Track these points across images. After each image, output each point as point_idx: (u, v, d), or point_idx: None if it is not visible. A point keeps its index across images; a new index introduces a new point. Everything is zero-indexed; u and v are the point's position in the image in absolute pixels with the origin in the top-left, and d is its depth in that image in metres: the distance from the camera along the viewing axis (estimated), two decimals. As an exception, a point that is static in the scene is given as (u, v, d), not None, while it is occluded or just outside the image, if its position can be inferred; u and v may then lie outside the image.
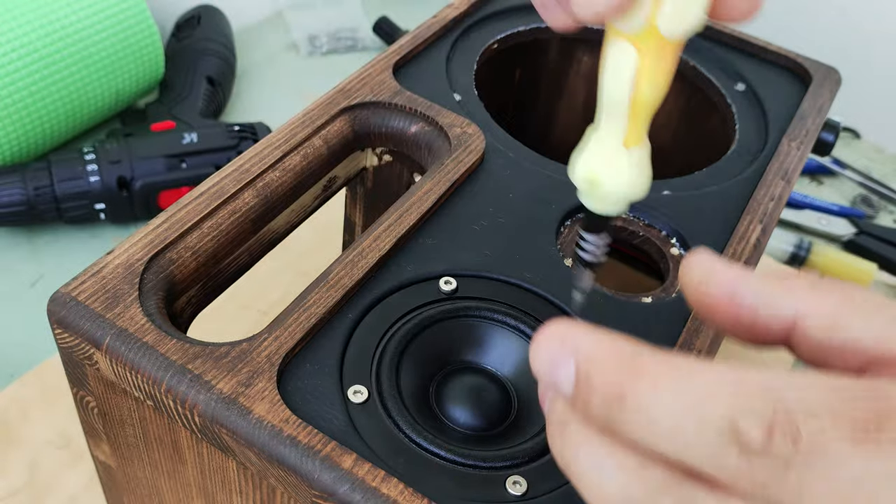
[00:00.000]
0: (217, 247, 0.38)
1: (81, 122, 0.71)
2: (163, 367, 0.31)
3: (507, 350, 0.35)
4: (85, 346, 0.32)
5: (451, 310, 0.35)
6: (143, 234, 0.36)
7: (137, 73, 0.73)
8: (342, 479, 0.28)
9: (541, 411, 0.34)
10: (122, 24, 0.69)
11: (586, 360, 0.21)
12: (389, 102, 0.45)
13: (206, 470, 0.33)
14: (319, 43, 0.93)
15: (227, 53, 0.81)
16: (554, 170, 0.43)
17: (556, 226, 0.40)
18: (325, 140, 0.43)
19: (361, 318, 0.35)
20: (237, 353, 0.32)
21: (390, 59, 0.47)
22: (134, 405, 0.34)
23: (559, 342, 0.22)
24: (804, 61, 0.53)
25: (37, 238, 0.67)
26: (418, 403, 0.33)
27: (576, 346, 0.22)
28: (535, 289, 0.37)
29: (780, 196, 0.44)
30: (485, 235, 0.39)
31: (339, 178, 0.45)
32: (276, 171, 0.40)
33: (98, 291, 0.33)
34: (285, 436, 0.29)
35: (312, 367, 0.32)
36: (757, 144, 0.48)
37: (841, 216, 0.80)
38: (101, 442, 0.38)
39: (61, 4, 0.66)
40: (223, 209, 0.38)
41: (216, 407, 0.30)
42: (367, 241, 0.37)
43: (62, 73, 0.66)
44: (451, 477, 0.30)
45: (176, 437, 0.33)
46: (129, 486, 0.40)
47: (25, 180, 0.63)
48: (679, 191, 0.43)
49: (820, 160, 0.86)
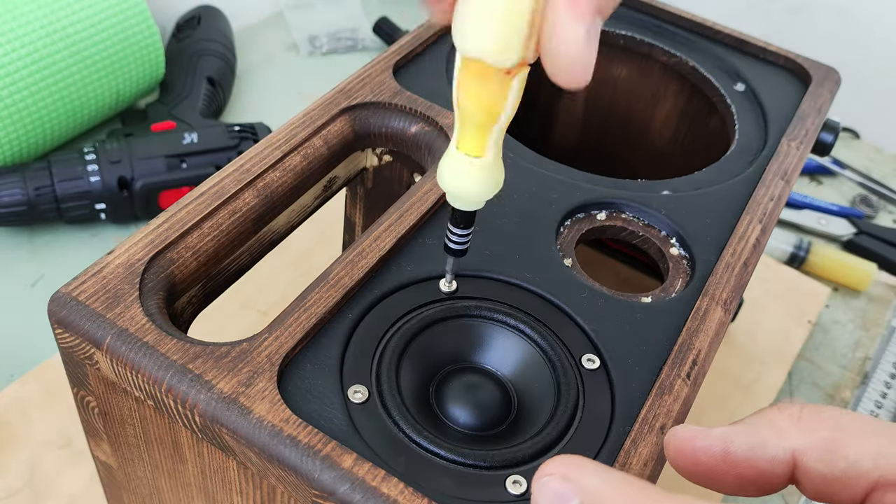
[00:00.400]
0: (217, 247, 0.38)
1: (82, 122, 0.71)
2: (163, 366, 0.31)
3: (507, 350, 0.35)
4: (85, 346, 0.32)
5: (451, 310, 0.35)
6: (144, 234, 0.36)
7: (138, 74, 0.73)
8: (342, 479, 0.28)
9: (540, 411, 0.34)
10: (123, 25, 0.69)
11: (593, 500, 0.21)
12: (389, 103, 0.45)
13: (207, 470, 0.33)
14: (319, 43, 0.93)
15: (228, 53, 0.81)
16: (554, 170, 0.43)
17: (556, 226, 0.40)
18: (325, 140, 0.43)
19: (361, 318, 0.35)
20: (237, 352, 0.32)
21: (390, 60, 0.47)
22: (134, 405, 0.34)
23: (563, 479, 0.21)
24: (804, 61, 0.53)
25: (37, 238, 0.67)
26: (418, 403, 0.33)
27: (581, 485, 0.21)
28: (535, 289, 0.37)
29: (779, 196, 0.44)
30: (485, 235, 0.39)
31: (340, 178, 0.45)
32: (276, 171, 0.40)
33: (98, 291, 0.33)
34: (285, 435, 0.29)
35: (313, 366, 0.33)
36: (756, 144, 0.48)
37: (840, 216, 0.80)
38: (102, 442, 0.38)
39: (62, 5, 0.66)
40: (223, 209, 0.38)
41: (217, 407, 0.30)
42: (368, 241, 0.37)
43: (62, 73, 0.66)
44: (451, 477, 0.30)
45: (176, 436, 0.33)
46: (130, 486, 0.40)
47: (26, 180, 0.64)
48: (679, 191, 0.43)
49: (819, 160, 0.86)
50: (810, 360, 0.68)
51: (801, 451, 0.23)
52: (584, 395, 0.34)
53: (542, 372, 0.34)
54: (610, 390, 0.34)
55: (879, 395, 0.65)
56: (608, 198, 0.42)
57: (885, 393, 0.65)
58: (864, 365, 0.68)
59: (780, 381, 0.65)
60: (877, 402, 0.65)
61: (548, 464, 0.22)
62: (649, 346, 0.36)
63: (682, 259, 0.41)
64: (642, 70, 0.56)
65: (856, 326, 0.71)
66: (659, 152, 0.58)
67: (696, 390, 0.35)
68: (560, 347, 0.35)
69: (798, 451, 0.23)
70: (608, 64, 0.56)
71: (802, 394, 0.65)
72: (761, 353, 0.66)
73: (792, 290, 0.72)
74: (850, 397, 0.65)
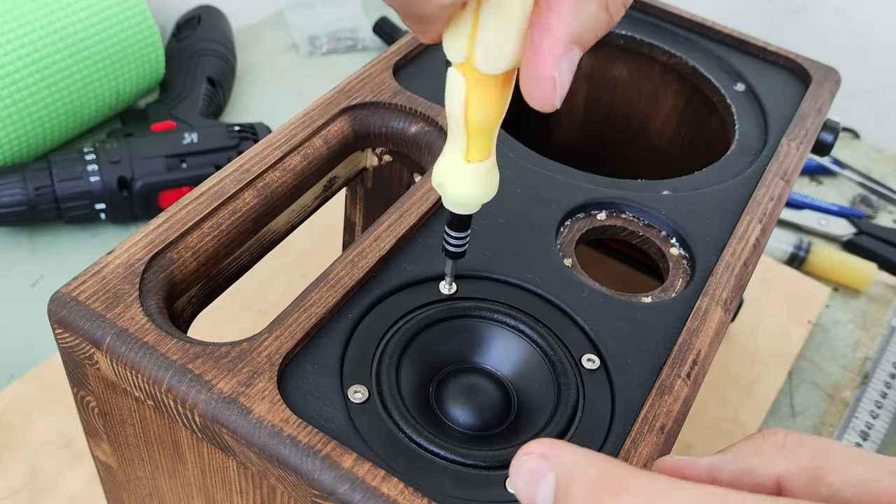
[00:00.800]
0: (217, 247, 0.38)
1: (82, 122, 0.71)
2: (163, 366, 0.31)
3: (507, 350, 0.35)
4: (85, 346, 0.32)
5: (451, 310, 0.35)
6: (144, 233, 0.36)
7: (138, 74, 0.73)
8: (342, 479, 0.28)
9: (540, 411, 0.34)
10: (123, 25, 0.69)
11: (567, 474, 0.21)
12: (389, 102, 0.45)
13: (207, 470, 0.33)
14: (319, 43, 0.93)
15: (227, 53, 0.81)
16: (554, 170, 0.43)
17: (556, 226, 0.40)
18: (325, 140, 0.43)
19: (361, 318, 0.35)
20: (237, 352, 0.32)
21: (390, 60, 0.47)
22: (134, 405, 0.34)
23: (540, 457, 0.22)
24: (804, 61, 0.53)
25: (37, 238, 0.67)
26: (418, 403, 0.33)
27: (557, 461, 0.22)
28: (535, 289, 0.37)
29: (779, 196, 0.44)
30: (485, 235, 0.39)
31: (340, 178, 0.45)
32: (276, 172, 0.40)
33: (98, 291, 0.33)
34: (285, 436, 0.29)
35: (312, 366, 0.33)
36: (756, 144, 0.48)
37: (840, 216, 0.80)
38: (102, 442, 0.38)
39: (62, 5, 0.66)
40: (223, 209, 0.38)
41: (216, 407, 0.30)
42: (368, 241, 0.37)
43: (62, 73, 0.66)
44: (451, 477, 0.30)
45: (176, 436, 0.33)
46: (130, 486, 0.40)
47: (26, 180, 0.64)
48: (679, 191, 0.43)
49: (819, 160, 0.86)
50: (810, 360, 0.68)
51: (785, 478, 0.24)
52: (584, 395, 0.34)
53: (542, 372, 0.34)
54: (610, 390, 0.34)
55: (879, 395, 0.65)
56: (608, 198, 0.42)
57: (885, 393, 0.65)
58: (864, 365, 0.68)
59: (780, 381, 0.65)
60: (877, 402, 0.65)
61: (527, 445, 0.23)
62: (649, 346, 0.36)
63: (682, 259, 0.41)
64: (642, 70, 0.56)
65: (856, 326, 0.71)
66: (659, 152, 0.58)
67: (696, 390, 0.35)
68: (560, 347, 0.35)
69: (782, 478, 0.24)
70: (608, 64, 0.56)
71: (802, 394, 0.65)
72: (761, 353, 0.66)
73: (792, 290, 0.72)
74: (849, 397, 0.65)
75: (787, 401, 0.64)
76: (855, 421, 0.63)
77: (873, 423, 0.63)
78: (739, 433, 0.60)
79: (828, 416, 0.64)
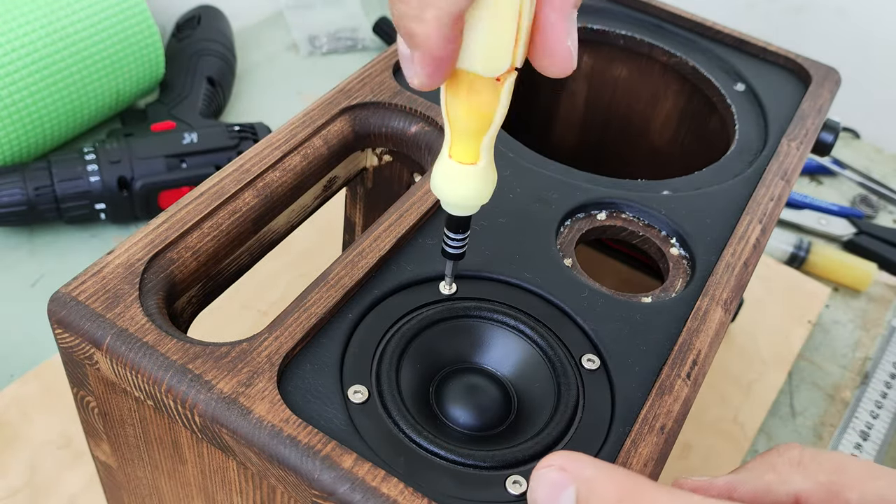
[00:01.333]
0: (217, 247, 0.38)
1: (81, 122, 0.71)
2: (163, 366, 0.31)
3: (507, 350, 0.35)
4: (85, 346, 0.32)
5: (451, 310, 0.35)
6: (144, 233, 0.36)
7: (137, 73, 0.73)
8: (342, 479, 0.28)
9: (540, 411, 0.34)
10: (123, 25, 0.69)
11: (587, 488, 0.22)
12: (389, 102, 0.45)
13: (207, 470, 0.33)
14: (319, 43, 0.93)
15: (227, 53, 0.81)
16: (554, 170, 0.43)
17: (556, 226, 0.40)
18: (325, 140, 0.43)
19: (361, 318, 0.35)
20: (237, 353, 0.32)
21: (390, 60, 0.47)
22: (134, 405, 0.34)
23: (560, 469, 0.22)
24: (804, 61, 0.53)
25: (37, 238, 0.67)
26: (418, 403, 0.33)
27: (578, 475, 0.22)
28: (535, 289, 0.37)
29: (779, 196, 0.44)
30: (485, 235, 0.39)
31: (340, 178, 0.45)
32: (276, 171, 0.40)
33: (98, 291, 0.33)
34: (285, 436, 0.29)
35: (312, 367, 0.32)
36: (757, 144, 0.48)
37: (840, 216, 0.80)
38: (102, 442, 0.38)
39: (61, 5, 0.66)
40: (223, 209, 0.38)
41: (216, 407, 0.30)
42: (367, 241, 0.37)
43: (62, 73, 0.66)
44: (451, 477, 0.30)
45: (176, 436, 0.33)
46: (130, 486, 0.40)
47: (25, 180, 0.63)
48: (679, 191, 0.43)
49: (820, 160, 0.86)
50: (810, 360, 0.68)
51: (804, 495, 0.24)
52: (584, 395, 0.34)
53: (542, 372, 0.34)
54: (610, 390, 0.34)
55: (879, 395, 0.65)
56: (608, 198, 0.42)
57: (885, 393, 0.65)
58: (864, 365, 0.68)
59: (780, 381, 0.65)
60: (877, 402, 0.65)
61: (548, 457, 0.23)
62: (649, 346, 0.36)
63: (682, 259, 0.41)
64: (642, 70, 0.56)
65: (856, 326, 0.71)
66: (659, 152, 0.58)
67: (696, 390, 0.35)
68: (560, 347, 0.35)
69: (801, 495, 0.24)
70: (608, 64, 0.56)
71: (802, 394, 0.65)
72: (761, 353, 0.66)
73: (792, 290, 0.72)
74: (849, 397, 0.65)
75: (787, 401, 0.64)
76: (855, 421, 0.63)
77: (873, 423, 0.63)
78: (739, 433, 0.60)
79: (828, 416, 0.64)
